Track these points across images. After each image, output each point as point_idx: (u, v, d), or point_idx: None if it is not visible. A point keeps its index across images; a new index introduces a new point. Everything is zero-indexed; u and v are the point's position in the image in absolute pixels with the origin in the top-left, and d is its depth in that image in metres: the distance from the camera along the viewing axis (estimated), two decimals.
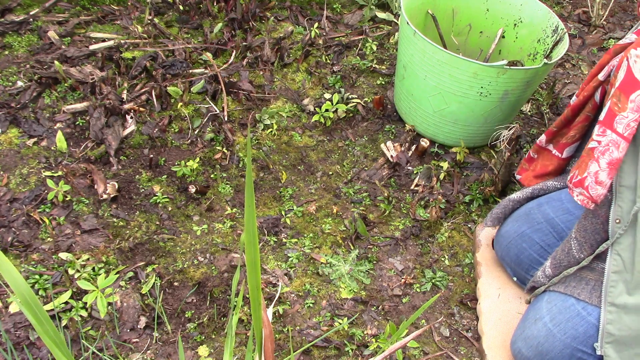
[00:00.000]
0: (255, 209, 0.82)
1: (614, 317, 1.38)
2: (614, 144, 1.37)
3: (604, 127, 1.38)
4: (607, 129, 1.37)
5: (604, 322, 1.40)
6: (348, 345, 1.76)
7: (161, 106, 2.39)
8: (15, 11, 2.71)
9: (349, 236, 2.07)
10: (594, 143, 1.41)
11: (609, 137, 1.37)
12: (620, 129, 1.34)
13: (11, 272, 0.82)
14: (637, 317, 1.35)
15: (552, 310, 1.53)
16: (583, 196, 1.46)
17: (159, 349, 1.71)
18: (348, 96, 2.53)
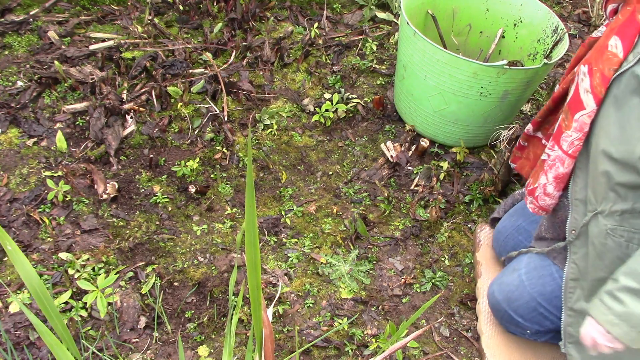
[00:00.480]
0: (255, 209, 0.82)
1: (573, 320, 1.44)
2: (560, 160, 1.43)
3: (553, 141, 1.44)
4: (556, 144, 1.43)
5: (565, 324, 1.46)
6: (348, 345, 1.76)
7: (161, 106, 2.39)
8: (15, 11, 2.71)
9: (349, 236, 2.07)
10: (545, 155, 1.48)
11: (556, 152, 1.43)
12: (565, 146, 1.40)
13: (24, 265, 0.82)
14: None
15: (529, 266, 1.63)
16: (533, 205, 1.56)
17: (159, 349, 1.71)
18: (348, 96, 2.53)
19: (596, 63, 1.29)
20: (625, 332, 1.22)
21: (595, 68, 1.29)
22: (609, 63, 1.25)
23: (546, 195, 1.52)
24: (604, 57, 1.27)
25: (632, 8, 1.23)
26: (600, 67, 1.27)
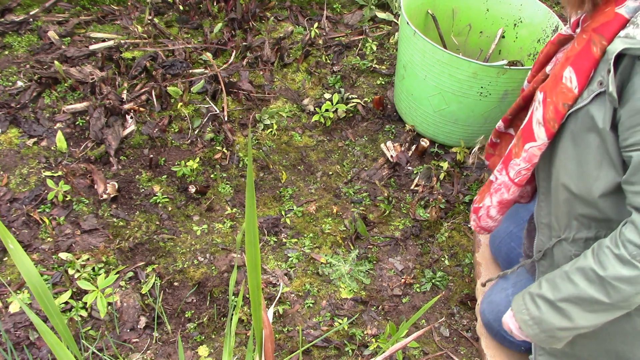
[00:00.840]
0: (255, 209, 0.82)
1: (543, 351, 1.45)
2: (505, 187, 1.40)
3: (502, 165, 1.40)
4: (504, 169, 1.39)
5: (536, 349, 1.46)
6: (348, 345, 1.76)
7: (161, 106, 2.39)
8: (15, 11, 2.71)
9: (349, 236, 2.07)
10: (493, 177, 1.44)
11: (503, 178, 1.39)
12: (512, 174, 1.36)
13: (25, 263, 0.82)
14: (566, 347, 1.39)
15: (516, 286, 1.62)
16: (475, 224, 1.55)
17: (159, 349, 1.71)
18: (348, 96, 2.53)
19: (550, 94, 1.22)
20: (535, 333, 1.27)
21: (549, 99, 1.22)
22: (563, 97, 1.18)
23: (488, 218, 1.51)
24: (557, 90, 1.19)
25: (588, 37, 1.13)
26: (554, 100, 1.20)
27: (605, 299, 1.14)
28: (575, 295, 1.17)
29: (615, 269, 1.11)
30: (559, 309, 1.21)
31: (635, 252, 1.09)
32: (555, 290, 1.22)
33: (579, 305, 1.18)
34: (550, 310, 1.23)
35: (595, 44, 1.11)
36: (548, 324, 1.24)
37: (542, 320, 1.25)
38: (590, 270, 1.15)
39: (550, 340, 1.28)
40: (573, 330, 1.23)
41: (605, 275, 1.12)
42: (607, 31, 1.08)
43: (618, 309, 1.16)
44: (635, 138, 1.05)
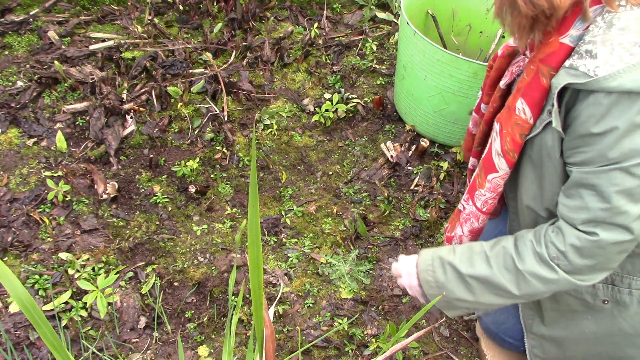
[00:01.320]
0: (258, 208, 0.82)
1: (536, 343, 1.46)
2: (474, 216, 1.41)
3: (468, 195, 1.41)
4: (470, 199, 1.40)
5: (530, 347, 1.48)
6: (348, 345, 1.76)
7: (161, 106, 2.39)
8: (15, 11, 2.71)
9: (349, 236, 2.07)
10: (461, 206, 1.45)
11: (471, 208, 1.41)
12: (479, 204, 1.37)
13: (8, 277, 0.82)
14: (555, 344, 1.42)
15: None
16: None
17: (159, 349, 1.71)
18: (348, 96, 2.53)
19: (505, 125, 1.22)
20: (434, 294, 1.29)
21: (505, 131, 1.22)
22: (519, 129, 1.19)
23: None
24: (512, 121, 1.20)
25: (536, 67, 1.13)
26: (510, 132, 1.21)
27: (515, 291, 1.18)
28: (487, 277, 1.21)
29: (533, 265, 1.16)
30: (467, 283, 1.24)
31: (556, 254, 1.13)
32: (469, 266, 1.24)
33: (486, 286, 1.22)
34: (456, 281, 1.25)
35: (543, 74, 1.12)
36: (450, 292, 1.26)
37: (446, 287, 1.27)
38: (510, 259, 1.19)
39: (446, 305, 1.30)
40: (472, 304, 1.26)
41: (523, 268, 1.17)
42: (554, 61, 1.09)
43: (519, 299, 1.21)
44: (575, 158, 1.09)
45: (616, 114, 1.00)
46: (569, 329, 1.38)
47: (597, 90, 1.00)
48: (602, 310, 1.30)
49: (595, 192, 1.07)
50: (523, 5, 1.05)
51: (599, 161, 1.04)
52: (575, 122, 1.06)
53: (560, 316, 1.38)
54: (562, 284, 1.16)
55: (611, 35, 1.01)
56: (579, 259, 1.12)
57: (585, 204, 1.09)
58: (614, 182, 1.04)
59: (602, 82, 0.99)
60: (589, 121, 1.03)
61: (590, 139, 1.04)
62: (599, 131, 1.02)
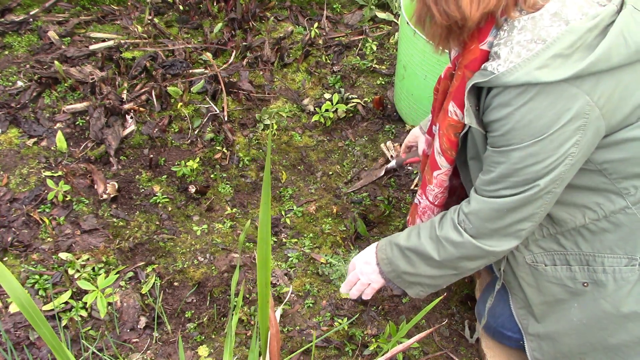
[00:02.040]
0: (270, 205, 0.82)
1: (535, 344, 1.50)
2: (429, 209, 1.54)
3: (421, 190, 1.54)
4: (423, 194, 1.53)
5: (530, 350, 1.51)
6: (348, 345, 1.76)
7: (161, 106, 2.39)
8: (15, 11, 2.71)
9: (349, 236, 2.07)
10: (417, 201, 1.58)
11: (425, 202, 1.54)
12: (431, 198, 1.51)
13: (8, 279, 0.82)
14: (550, 342, 1.46)
15: None
16: None
17: (159, 349, 1.71)
18: (348, 96, 2.53)
19: (442, 126, 1.35)
20: (388, 271, 1.44)
21: (442, 131, 1.35)
22: (453, 129, 1.32)
23: None
24: (447, 123, 1.33)
25: (462, 73, 1.25)
26: (445, 132, 1.34)
27: (436, 256, 1.34)
28: (417, 247, 1.37)
29: (447, 231, 1.32)
30: (406, 256, 1.40)
31: (462, 218, 1.29)
32: (407, 240, 1.40)
33: (418, 256, 1.37)
34: (399, 255, 1.41)
35: (468, 79, 1.23)
36: (396, 266, 1.42)
37: (393, 262, 1.42)
38: (433, 228, 1.36)
39: (400, 281, 1.44)
40: (417, 277, 1.40)
41: (439, 234, 1.33)
42: (475, 66, 1.21)
43: (446, 268, 1.36)
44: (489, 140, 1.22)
45: (516, 100, 1.11)
46: (560, 322, 1.42)
47: (498, 85, 1.12)
48: (584, 293, 1.36)
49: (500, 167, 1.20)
50: (438, 15, 1.16)
51: (500, 144, 1.18)
52: (487, 111, 1.19)
53: (550, 309, 1.43)
54: (470, 248, 1.29)
55: (512, 36, 1.12)
56: (479, 222, 1.26)
57: (491, 176, 1.22)
58: (513, 161, 1.16)
59: (500, 78, 1.11)
60: (493, 111, 1.16)
61: (494, 124, 1.17)
62: (498, 117, 1.15)
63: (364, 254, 1.52)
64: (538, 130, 1.12)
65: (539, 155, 1.14)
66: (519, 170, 1.17)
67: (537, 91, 1.09)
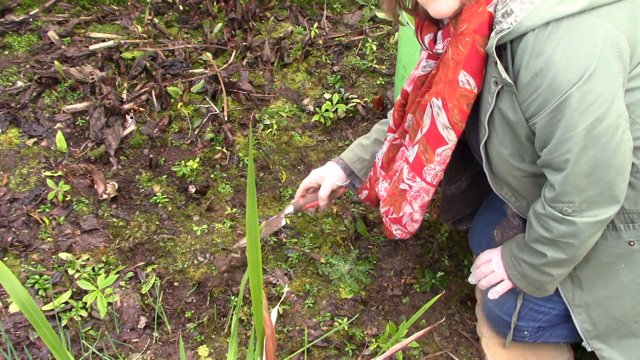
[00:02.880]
0: (256, 209, 0.82)
1: (584, 316, 1.48)
2: (425, 191, 1.49)
3: (413, 172, 1.47)
4: (417, 175, 1.46)
5: (579, 324, 1.49)
6: (348, 345, 1.76)
7: (161, 106, 2.39)
8: (15, 11, 2.71)
9: (349, 236, 2.07)
10: (405, 186, 1.51)
11: (420, 184, 1.47)
12: (429, 178, 1.45)
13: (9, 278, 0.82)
14: (602, 308, 1.45)
15: None
16: (401, 231, 1.62)
17: (159, 349, 1.71)
18: (348, 96, 2.53)
19: (450, 99, 1.30)
20: (524, 285, 1.46)
21: (450, 104, 1.31)
22: (466, 99, 1.29)
23: (413, 222, 1.58)
24: (457, 94, 1.29)
25: (471, 39, 1.22)
26: (456, 104, 1.30)
27: (564, 256, 1.32)
28: (546, 261, 1.36)
29: (557, 229, 1.28)
30: (537, 270, 1.40)
31: (560, 206, 1.25)
32: (530, 258, 1.40)
33: (550, 266, 1.37)
34: (531, 270, 1.42)
35: (480, 44, 1.22)
36: (531, 280, 1.43)
37: (527, 276, 1.44)
38: (543, 238, 1.33)
39: (537, 291, 1.45)
40: (553, 279, 1.41)
41: (553, 237, 1.30)
42: (484, 30, 1.20)
43: (577, 257, 1.35)
44: (532, 109, 1.18)
45: (548, 43, 1.11)
46: (609, 286, 1.41)
47: (523, 32, 1.11)
48: (631, 253, 1.36)
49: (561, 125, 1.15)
50: None
51: (550, 98, 1.14)
52: (520, 73, 1.16)
53: (596, 275, 1.42)
54: (584, 229, 1.26)
55: None
56: (577, 195, 1.22)
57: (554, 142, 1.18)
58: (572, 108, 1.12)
59: (524, 23, 1.11)
60: (530, 62, 1.13)
61: (535, 80, 1.14)
62: (538, 69, 1.13)
63: (495, 259, 1.54)
64: (582, 66, 1.10)
65: (595, 91, 1.12)
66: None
67: (565, 27, 1.10)
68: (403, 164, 1.51)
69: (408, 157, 1.49)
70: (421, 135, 1.41)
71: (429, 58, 1.47)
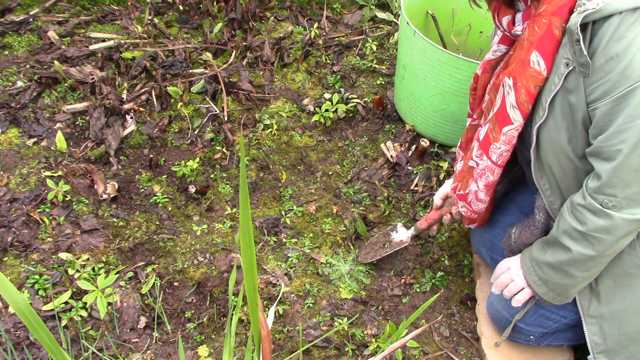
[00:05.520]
0: (250, 211, 0.82)
1: (595, 328, 1.47)
2: (489, 170, 1.49)
3: (481, 150, 1.48)
4: (484, 153, 1.48)
5: (590, 334, 1.48)
6: (348, 345, 1.76)
7: (161, 106, 2.39)
8: (15, 11, 2.71)
9: (349, 236, 2.07)
10: (473, 163, 1.53)
11: (485, 162, 1.48)
12: (494, 157, 1.46)
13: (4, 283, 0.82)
14: (615, 322, 1.43)
15: None
16: (466, 209, 1.64)
17: (159, 349, 1.71)
18: (348, 96, 2.53)
19: (520, 78, 1.31)
20: (545, 292, 1.45)
21: (519, 84, 1.32)
22: (534, 80, 1.29)
23: (478, 201, 1.58)
24: (527, 74, 1.29)
25: (548, 21, 1.22)
26: (525, 84, 1.30)
27: (593, 252, 1.30)
28: (570, 258, 1.34)
29: (592, 222, 1.26)
30: (561, 271, 1.38)
31: (602, 198, 1.23)
32: (554, 255, 1.38)
33: (574, 265, 1.35)
34: (553, 273, 1.40)
35: (556, 27, 1.21)
36: (554, 284, 1.42)
37: (549, 281, 1.42)
38: (574, 231, 1.31)
39: (558, 297, 1.44)
40: (577, 282, 1.39)
41: (586, 230, 1.28)
42: (564, 13, 1.20)
43: (606, 257, 1.32)
44: (598, 92, 1.17)
45: (631, 29, 1.09)
46: (627, 299, 1.40)
47: (610, 13, 1.10)
48: None
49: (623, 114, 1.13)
50: None
51: (619, 86, 1.12)
52: (596, 55, 1.14)
53: (616, 285, 1.41)
54: (620, 225, 1.24)
55: None
56: (622, 189, 1.20)
57: (611, 130, 1.16)
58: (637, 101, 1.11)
59: (612, 3, 1.09)
60: (608, 45, 1.11)
61: (608, 65, 1.12)
62: (614, 53, 1.11)
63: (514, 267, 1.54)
64: None
65: None
66: None
67: None
68: (475, 141, 1.52)
69: (480, 134, 1.50)
70: (492, 114, 1.43)
71: (500, 43, 1.48)
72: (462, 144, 1.70)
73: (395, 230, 1.99)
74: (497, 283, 1.59)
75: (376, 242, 2.01)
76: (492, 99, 1.45)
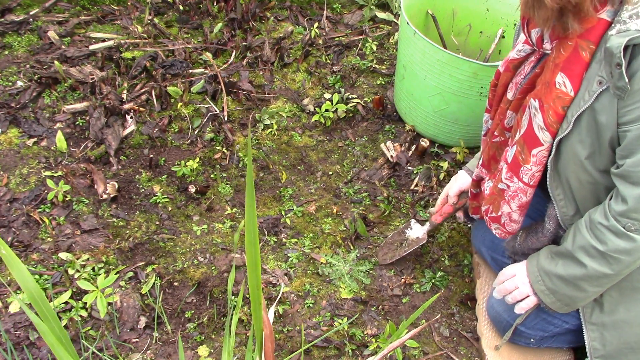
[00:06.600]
0: (255, 209, 0.82)
1: (596, 334, 1.48)
2: (522, 191, 1.48)
3: (511, 172, 1.48)
4: (514, 175, 1.47)
5: (589, 341, 1.49)
6: (348, 345, 1.76)
7: (161, 106, 2.39)
8: (15, 11, 2.71)
9: (349, 236, 2.07)
10: (503, 185, 1.52)
11: (517, 184, 1.47)
12: (526, 179, 1.45)
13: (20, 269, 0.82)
14: (616, 331, 1.44)
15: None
16: (500, 230, 1.62)
17: (159, 349, 1.71)
18: (348, 96, 2.53)
19: (546, 100, 1.31)
20: (552, 301, 1.44)
21: (546, 105, 1.31)
22: (561, 102, 1.28)
23: (512, 222, 1.57)
24: (553, 95, 1.29)
25: (574, 43, 1.23)
26: (552, 105, 1.30)
27: (609, 271, 1.30)
28: (585, 274, 1.34)
29: (613, 243, 1.26)
30: (573, 284, 1.37)
31: (625, 222, 1.24)
32: (567, 269, 1.37)
33: (588, 280, 1.35)
34: (563, 285, 1.40)
35: (582, 49, 1.22)
36: (562, 295, 1.41)
37: (557, 292, 1.42)
38: (592, 248, 1.31)
39: (565, 307, 1.44)
40: (585, 295, 1.39)
41: (606, 250, 1.28)
42: (593, 36, 1.20)
43: (621, 275, 1.33)
44: (631, 115, 1.17)
45: None
46: (631, 312, 1.41)
47: None
48: None
49: None
50: (550, 2, 1.15)
51: None
52: (635, 77, 1.13)
53: (622, 297, 1.42)
54: None
55: None
56: None
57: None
58: None
59: None
60: None
61: None
62: None
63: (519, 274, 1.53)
64: None
65: None
66: None
67: None
68: (503, 163, 1.52)
69: (507, 156, 1.49)
70: (519, 135, 1.42)
71: (525, 43, 1.47)
72: (484, 162, 1.68)
73: (410, 227, 1.99)
74: (500, 289, 1.57)
75: (392, 242, 2.00)
76: (519, 119, 1.44)
